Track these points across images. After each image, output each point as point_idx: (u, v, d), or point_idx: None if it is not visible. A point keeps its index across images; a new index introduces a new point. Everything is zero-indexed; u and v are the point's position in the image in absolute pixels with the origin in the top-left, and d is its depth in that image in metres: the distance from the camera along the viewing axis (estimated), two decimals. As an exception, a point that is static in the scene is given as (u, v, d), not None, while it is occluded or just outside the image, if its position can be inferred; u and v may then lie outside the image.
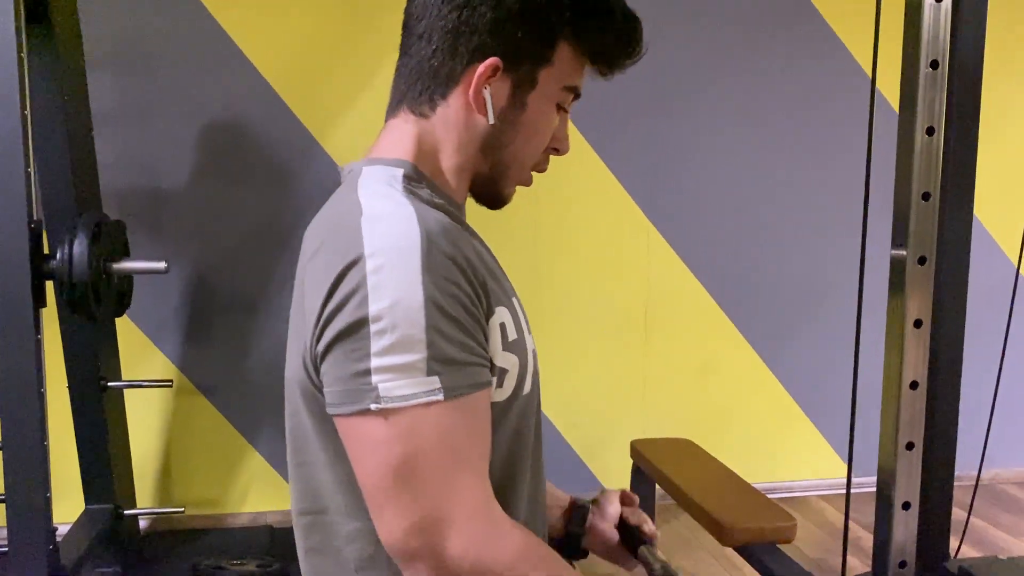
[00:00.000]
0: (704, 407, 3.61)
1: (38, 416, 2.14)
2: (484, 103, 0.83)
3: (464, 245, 0.77)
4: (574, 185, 3.38)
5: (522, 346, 0.84)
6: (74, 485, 2.80)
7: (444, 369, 0.70)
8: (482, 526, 0.72)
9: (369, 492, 0.73)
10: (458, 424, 0.72)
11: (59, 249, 2.15)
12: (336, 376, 0.72)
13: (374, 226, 0.74)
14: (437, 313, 0.70)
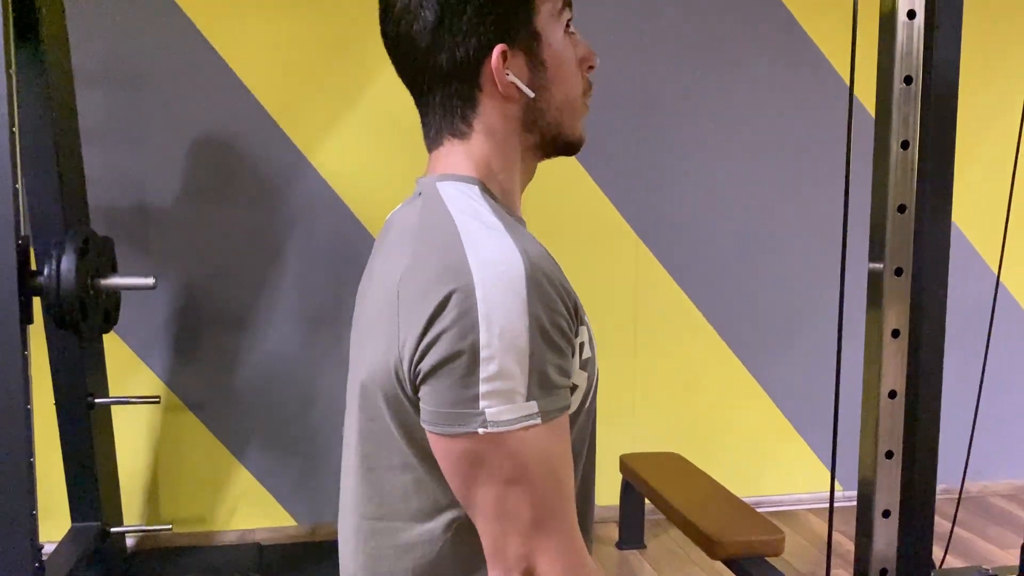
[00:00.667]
0: (693, 421, 3.62)
1: (24, 433, 2.13)
2: (515, 87, 0.84)
3: (557, 269, 0.79)
4: (562, 200, 3.40)
5: (593, 363, 0.85)
6: (61, 503, 2.78)
7: (541, 393, 0.73)
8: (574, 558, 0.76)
9: (476, 513, 0.76)
10: (553, 445, 0.75)
11: (46, 265, 2.15)
12: (443, 399, 0.74)
13: (478, 252, 0.75)
14: (539, 340, 0.73)
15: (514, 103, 0.86)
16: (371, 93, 3.24)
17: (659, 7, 3.36)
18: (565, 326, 0.76)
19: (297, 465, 3.29)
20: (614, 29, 3.35)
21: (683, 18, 3.39)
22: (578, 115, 0.92)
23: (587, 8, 3.31)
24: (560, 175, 3.39)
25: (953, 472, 1.81)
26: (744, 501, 2.77)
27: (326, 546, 3.25)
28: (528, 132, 0.89)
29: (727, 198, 3.50)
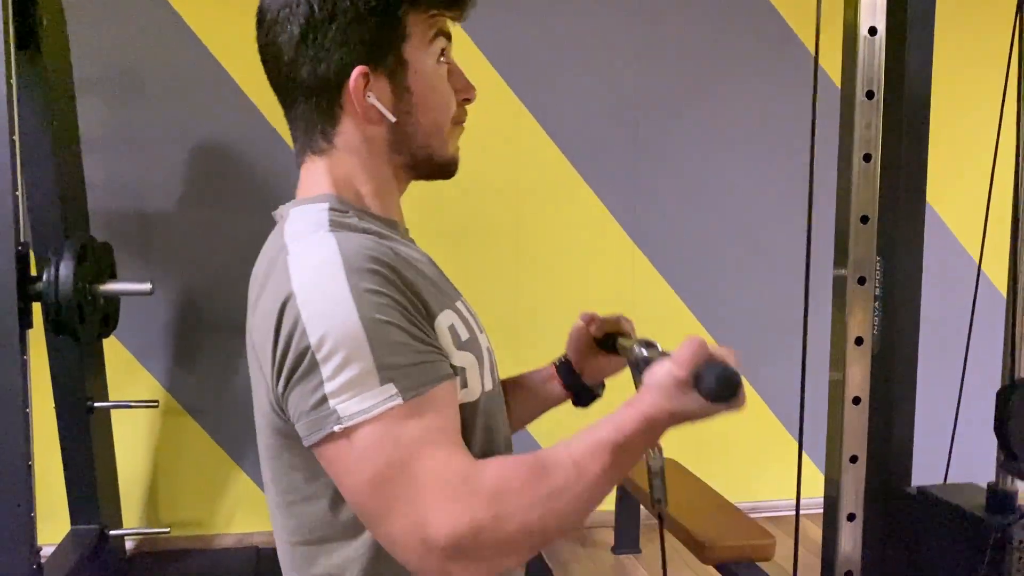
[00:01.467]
0: (688, 427, 3.63)
1: (23, 436, 2.16)
2: (376, 110, 0.85)
3: (390, 259, 0.78)
4: (557, 207, 3.43)
5: (476, 344, 0.86)
6: (60, 506, 2.81)
7: (396, 375, 0.72)
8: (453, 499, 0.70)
9: (359, 510, 0.75)
10: (423, 422, 0.72)
11: (45, 271, 2.18)
12: (301, 411, 0.74)
13: (298, 261, 0.77)
14: (373, 325, 0.72)
15: (377, 125, 0.86)
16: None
17: (659, 14, 3.39)
18: (402, 308, 0.75)
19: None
20: (611, 35, 3.37)
21: (681, 25, 3.42)
22: (448, 141, 0.92)
23: (584, 15, 3.35)
24: (557, 184, 3.42)
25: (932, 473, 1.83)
26: (737, 506, 2.79)
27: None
28: (396, 153, 0.89)
29: (724, 206, 3.52)
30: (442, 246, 3.49)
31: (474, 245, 3.42)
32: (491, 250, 3.44)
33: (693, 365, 0.79)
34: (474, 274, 3.42)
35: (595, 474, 0.76)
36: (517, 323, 3.47)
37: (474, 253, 3.42)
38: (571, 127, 3.42)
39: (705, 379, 0.77)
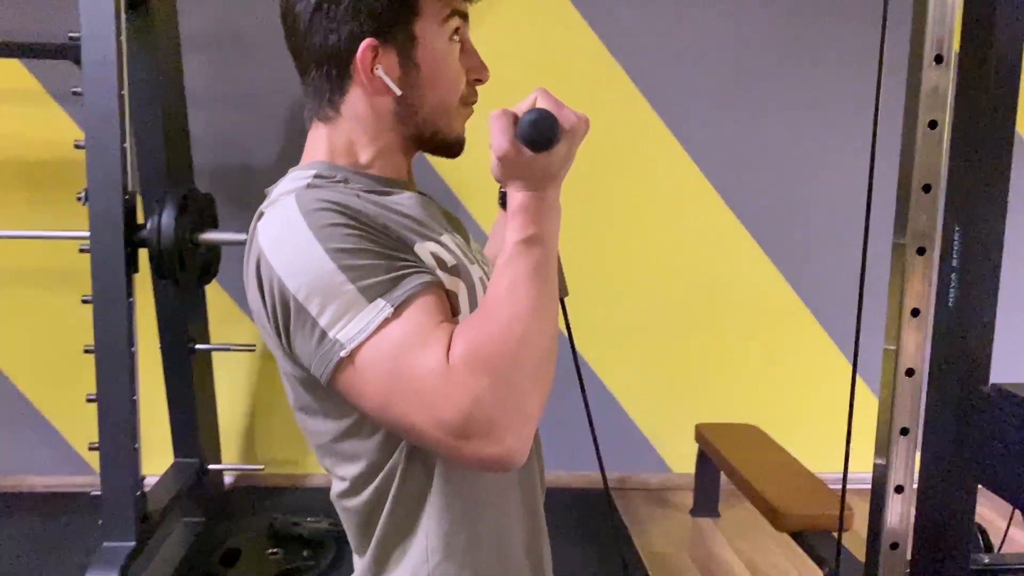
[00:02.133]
0: (776, 393, 3.58)
1: (128, 373, 2.32)
2: (383, 83, 0.86)
3: (349, 202, 0.81)
4: (645, 162, 3.39)
5: (466, 271, 0.87)
6: (166, 440, 3.01)
7: (379, 289, 0.75)
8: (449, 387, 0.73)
9: (386, 425, 0.80)
10: (413, 325, 0.75)
11: (150, 219, 2.32)
12: (308, 353, 0.78)
13: (265, 225, 0.82)
14: (342, 254, 0.75)
15: (384, 96, 0.88)
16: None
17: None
18: (368, 235, 0.77)
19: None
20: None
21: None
22: (454, 119, 0.93)
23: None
24: (644, 139, 3.38)
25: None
26: (819, 476, 2.74)
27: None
28: (402, 125, 0.91)
29: (815, 167, 3.41)
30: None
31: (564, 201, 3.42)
32: (577, 206, 3.43)
33: (508, 130, 0.77)
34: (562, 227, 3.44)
35: (525, 281, 0.77)
36: (601, 280, 3.47)
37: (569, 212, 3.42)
38: (662, 80, 3.36)
39: (519, 130, 0.76)
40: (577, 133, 0.79)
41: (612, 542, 3.15)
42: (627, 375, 3.57)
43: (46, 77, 3.16)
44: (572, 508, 3.44)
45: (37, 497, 3.39)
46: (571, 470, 3.61)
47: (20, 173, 3.21)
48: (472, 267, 0.89)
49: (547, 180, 0.79)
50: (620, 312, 3.51)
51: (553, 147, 0.76)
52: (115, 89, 2.22)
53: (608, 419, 3.58)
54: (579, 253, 3.43)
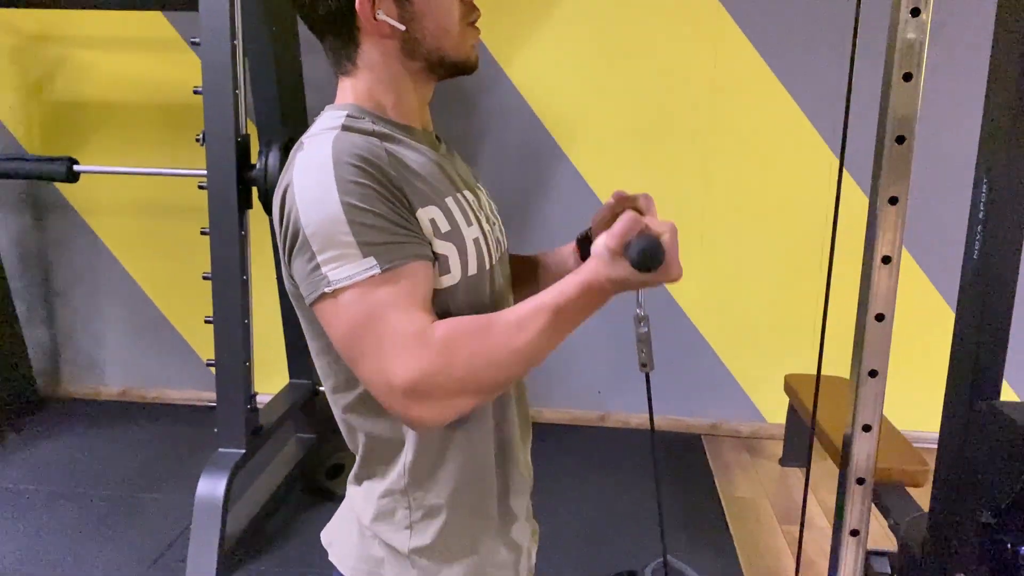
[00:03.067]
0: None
1: (239, 298, 2.57)
2: (387, 24, 0.95)
3: (376, 157, 0.91)
4: (751, 109, 3.35)
5: (459, 235, 0.97)
6: (283, 362, 3.30)
7: (375, 250, 0.86)
8: (408, 351, 0.85)
9: (343, 356, 0.92)
10: (394, 288, 0.87)
11: (259, 159, 2.54)
12: (301, 276, 0.90)
13: (301, 159, 0.91)
14: (354, 210, 0.86)
15: (391, 38, 0.97)
16: (567, 6, 3.34)
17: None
18: (383, 198, 0.88)
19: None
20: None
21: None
22: (459, 39, 1.00)
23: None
24: (753, 87, 3.33)
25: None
26: (904, 433, 2.71)
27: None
28: (411, 59, 0.99)
29: (934, 122, 3.25)
30: (632, 143, 3.56)
31: (664, 145, 3.44)
32: (681, 150, 3.44)
33: (624, 236, 0.88)
34: (662, 174, 3.46)
35: (534, 332, 0.88)
36: (703, 227, 3.48)
37: (663, 153, 3.44)
38: (769, 24, 3.28)
39: (632, 249, 0.86)
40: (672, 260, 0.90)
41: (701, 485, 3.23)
42: (723, 323, 3.59)
43: (183, 27, 3.44)
44: (662, 450, 3.53)
45: (175, 408, 3.80)
46: (665, 415, 3.71)
47: (159, 115, 3.54)
48: (469, 228, 0.99)
49: (625, 287, 0.91)
50: (719, 260, 3.52)
51: (652, 271, 0.88)
52: (228, 39, 2.42)
53: (702, 367, 3.62)
54: (683, 196, 3.45)
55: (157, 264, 3.75)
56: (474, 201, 1.05)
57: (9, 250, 3.73)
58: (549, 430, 3.66)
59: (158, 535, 2.74)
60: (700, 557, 2.68)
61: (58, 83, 3.62)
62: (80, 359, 3.91)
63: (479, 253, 0.99)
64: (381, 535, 1.02)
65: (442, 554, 1.02)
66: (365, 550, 1.03)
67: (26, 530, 2.77)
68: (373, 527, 1.02)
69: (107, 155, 3.57)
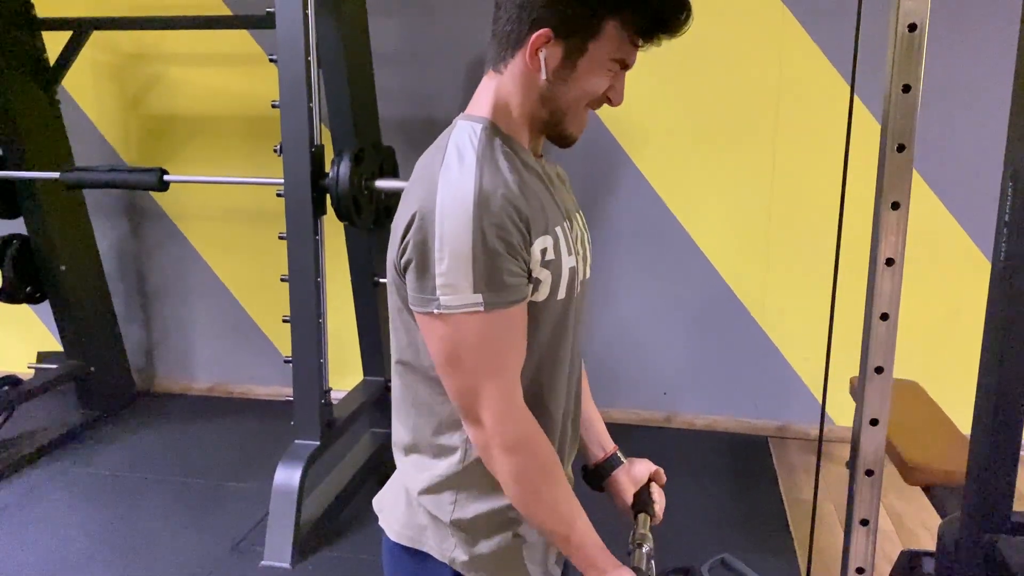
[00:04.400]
0: (951, 352, 3.43)
1: (315, 299, 2.73)
2: (539, 63, 1.05)
3: (514, 198, 1.00)
4: (817, 111, 3.34)
5: (557, 264, 1.07)
6: (358, 360, 3.46)
7: (486, 289, 0.97)
8: (504, 404, 1.03)
9: (436, 365, 1.05)
10: (495, 328, 1.00)
11: (332, 169, 2.69)
12: (414, 285, 1.01)
13: (446, 180, 1.00)
14: (483, 249, 0.96)
15: (537, 76, 1.06)
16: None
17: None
18: (509, 240, 0.98)
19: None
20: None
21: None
22: (580, 119, 1.10)
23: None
24: (818, 92, 3.32)
25: None
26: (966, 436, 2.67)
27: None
28: (542, 106, 1.08)
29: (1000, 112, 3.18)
30: (697, 147, 3.60)
31: (729, 148, 3.46)
32: (747, 153, 3.46)
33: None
34: (728, 177, 3.49)
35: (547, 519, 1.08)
36: (770, 228, 3.49)
37: (729, 156, 3.47)
38: (835, 25, 3.27)
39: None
40: None
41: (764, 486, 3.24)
42: (791, 325, 3.58)
43: (267, 43, 3.65)
44: (727, 452, 3.55)
45: (259, 403, 4.02)
46: (731, 416, 3.72)
47: (244, 127, 3.76)
48: (568, 258, 1.09)
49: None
50: (785, 263, 3.52)
51: None
52: (303, 56, 2.58)
53: (768, 368, 3.62)
54: (747, 199, 3.47)
55: (242, 267, 3.97)
56: (572, 229, 1.14)
57: (109, 254, 4.01)
58: (615, 430, 3.64)
59: (240, 521, 2.92)
60: (760, 558, 2.71)
61: (153, 98, 3.88)
62: (173, 356, 4.17)
63: (571, 281, 1.09)
64: (426, 505, 1.12)
65: (481, 529, 1.12)
66: (411, 518, 1.14)
67: (123, 512, 3.00)
68: (421, 499, 1.13)
69: (197, 165, 3.81)
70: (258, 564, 2.66)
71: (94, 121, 3.94)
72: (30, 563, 2.68)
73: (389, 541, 1.17)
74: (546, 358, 1.10)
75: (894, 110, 1.07)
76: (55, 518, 2.96)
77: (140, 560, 2.69)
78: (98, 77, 3.89)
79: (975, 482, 1.29)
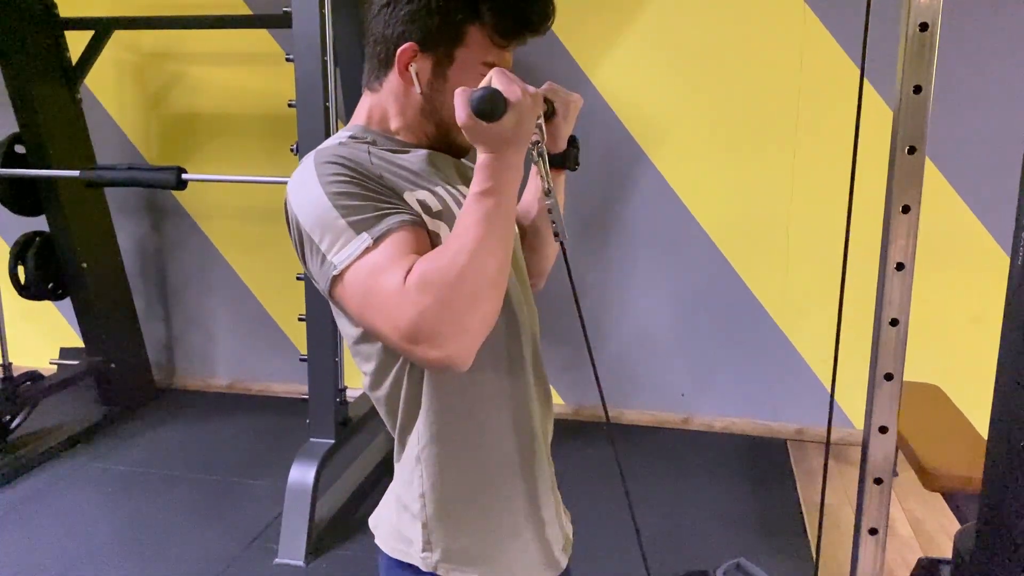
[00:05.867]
0: (972, 357, 3.37)
1: (329, 298, 2.73)
2: (411, 78, 1.04)
3: (352, 156, 1.00)
4: (839, 111, 3.30)
5: (450, 215, 1.04)
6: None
7: (365, 224, 0.94)
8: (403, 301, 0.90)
9: (364, 328, 1.01)
10: (387, 253, 0.93)
11: (348, 167, 2.69)
12: (316, 273, 0.99)
13: (295, 173, 1.02)
14: (339, 196, 0.95)
15: (413, 91, 1.06)
16: (649, 13, 3.38)
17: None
18: (362, 184, 0.97)
19: (566, 353, 3.65)
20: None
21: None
22: None
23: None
24: (839, 83, 3.28)
25: None
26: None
27: (588, 426, 3.64)
28: (426, 119, 1.08)
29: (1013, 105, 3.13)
30: (717, 147, 3.57)
31: (749, 148, 3.43)
32: (767, 153, 3.42)
33: (464, 106, 0.91)
34: (748, 177, 3.45)
35: (477, 224, 0.92)
36: (790, 229, 3.45)
37: (749, 156, 3.43)
38: (857, 24, 3.23)
39: (471, 104, 0.89)
40: (523, 106, 0.92)
41: (782, 490, 3.21)
42: (811, 326, 3.54)
43: (286, 43, 3.66)
44: (745, 454, 3.52)
45: (278, 401, 4.04)
46: (749, 418, 3.69)
47: (264, 126, 3.78)
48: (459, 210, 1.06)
49: (503, 144, 0.93)
50: (806, 263, 3.48)
51: (500, 119, 0.91)
52: (319, 55, 2.58)
53: (787, 370, 3.58)
54: (767, 201, 3.43)
55: (261, 266, 4.00)
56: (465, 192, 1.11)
57: (130, 252, 4.05)
58: (631, 431, 3.70)
59: (257, 517, 2.94)
60: (776, 562, 2.68)
61: (174, 97, 3.91)
62: (192, 353, 4.20)
63: None
64: (402, 498, 1.12)
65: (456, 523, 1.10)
66: (398, 528, 1.13)
67: (141, 507, 3.02)
68: (397, 501, 1.13)
69: (217, 163, 3.84)
70: (272, 561, 2.67)
71: (116, 120, 3.98)
72: (49, 557, 2.71)
73: (386, 557, 1.16)
74: None
75: (905, 111, 1.05)
76: (74, 513, 2.99)
77: (156, 555, 2.71)
78: (120, 76, 3.92)
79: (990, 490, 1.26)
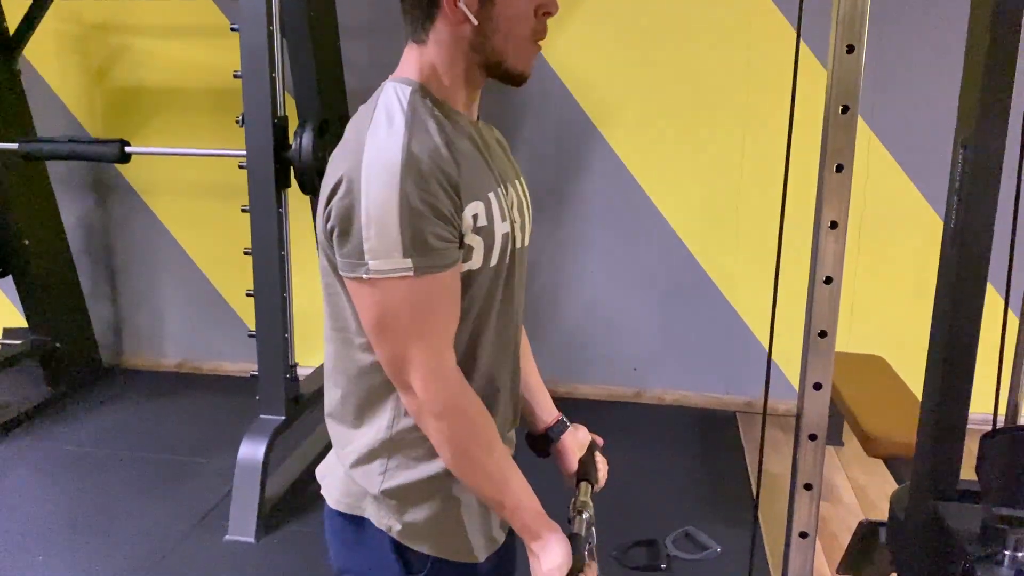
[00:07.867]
0: (918, 329, 3.45)
1: (278, 272, 2.70)
2: (463, 13, 1.02)
3: (441, 160, 0.99)
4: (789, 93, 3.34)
5: (489, 231, 1.05)
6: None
7: (416, 253, 0.95)
8: (434, 370, 1.01)
9: (366, 331, 1.03)
10: (426, 293, 0.97)
11: (295, 141, 2.66)
12: (342, 250, 0.99)
13: (373, 143, 0.98)
14: (409, 212, 0.94)
15: (464, 25, 1.04)
16: (599, -17, 3.38)
17: None
18: (437, 204, 0.96)
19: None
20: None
21: None
22: (523, 52, 1.07)
23: None
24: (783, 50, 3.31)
25: None
26: (931, 409, 2.69)
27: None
28: (475, 52, 1.06)
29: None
30: (668, 124, 3.57)
31: (699, 125, 3.46)
32: (717, 130, 3.45)
33: None
34: (697, 153, 3.48)
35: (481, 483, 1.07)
36: (739, 203, 3.49)
37: (699, 133, 3.46)
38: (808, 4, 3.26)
39: None
40: None
41: (731, 460, 3.27)
42: (761, 301, 3.59)
43: (233, 13, 3.59)
44: (696, 426, 3.57)
45: (229, 379, 3.99)
46: (700, 391, 3.74)
47: (210, 98, 3.70)
48: (501, 225, 1.07)
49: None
50: (753, 238, 3.52)
51: None
52: (264, 25, 2.54)
53: (735, 342, 3.64)
54: (719, 186, 3.46)
55: (210, 241, 3.93)
56: (507, 195, 1.12)
57: (75, 229, 3.96)
58: (585, 405, 3.72)
59: (206, 495, 2.91)
60: (724, 529, 2.73)
61: (118, 70, 3.81)
62: (141, 332, 4.13)
63: (504, 248, 1.07)
64: (356, 477, 1.11)
65: (413, 498, 1.11)
66: (349, 485, 1.13)
67: (87, 488, 2.97)
68: (352, 472, 1.12)
69: (163, 137, 3.76)
70: (223, 539, 2.65)
71: (58, 93, 3.87)
72: (-9, 538, 2.66)
73: (330, 508, 1.16)
74: (481, 326, 1.09)
75: (838, 71, 1.07)
76: (20, 494, 2.94)
77: (104, 535, 2.68)
78: (61, 48, 3.82)
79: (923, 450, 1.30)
